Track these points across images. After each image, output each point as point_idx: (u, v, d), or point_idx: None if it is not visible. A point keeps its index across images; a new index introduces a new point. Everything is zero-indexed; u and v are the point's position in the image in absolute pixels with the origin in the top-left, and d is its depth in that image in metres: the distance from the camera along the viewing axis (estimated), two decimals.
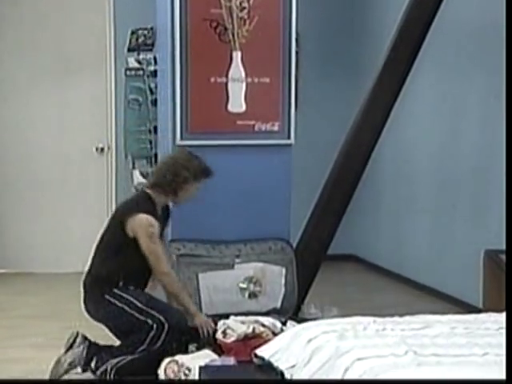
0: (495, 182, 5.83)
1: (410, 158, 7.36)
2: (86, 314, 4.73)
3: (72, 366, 4.56)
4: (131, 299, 4.56)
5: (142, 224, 4.59)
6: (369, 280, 7.58)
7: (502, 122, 5.19)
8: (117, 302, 4.56)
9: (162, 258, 4.66)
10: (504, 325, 3.43)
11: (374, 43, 7.39)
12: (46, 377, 4.61)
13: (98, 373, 4.53)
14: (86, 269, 4.81)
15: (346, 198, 5.77)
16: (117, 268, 4.64)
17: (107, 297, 4.58)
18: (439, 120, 6.88)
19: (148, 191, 4.76)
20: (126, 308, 4.55)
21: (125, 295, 4.58)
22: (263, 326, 4.67)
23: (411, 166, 7.34)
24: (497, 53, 5.50)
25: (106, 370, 4.52)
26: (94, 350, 4.61)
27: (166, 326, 4.48)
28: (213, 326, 4.69)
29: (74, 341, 4.64)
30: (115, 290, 4.59)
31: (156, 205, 4.74)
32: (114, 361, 4.54)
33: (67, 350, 4.62)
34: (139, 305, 4.54)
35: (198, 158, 4.78)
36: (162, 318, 4.49)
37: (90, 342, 4.65)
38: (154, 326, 4.48)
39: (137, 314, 4.53)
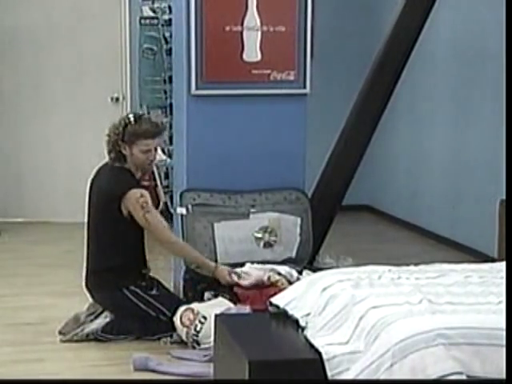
0: None
1: (426, 109, 7.32)
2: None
3: (89, 337, 4.57)
4: (149, 298, 4.63)
5: (131, 198, 4.59)
6: (383, 230, 7.59)
7: None
8: (133, 299, 4.61)
9: (162, 227, 4.67)
10: None
11: None
12: (62, 323, 4.66)
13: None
14: (86, 265, 4.77)
15: (362, 149, 5.75)
16: (120, 256, 4.63)
17: (124, 291, 4.61)
18: (458, 67, 6.82)
19: (123, 166, 4.76)
20: (142, 306, 4.61)
21: (142, 294, 4.63)
22: (279, 274, 4.69)
23: (427, 116, 7.30)
24: None
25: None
26: (118, 320, 4.63)
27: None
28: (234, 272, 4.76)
29: (103, 311, 4.67)
30: (131, 288, 4.61)
31: (134, 175, 4.75)
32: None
33: (93, 317, 4.65)
34: (153, 302, 4.61)
35: (130, 122, 4.72)
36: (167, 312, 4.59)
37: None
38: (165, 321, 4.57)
39: (151, 312, 4.61)
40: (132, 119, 4.74)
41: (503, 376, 2.82)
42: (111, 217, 4.63)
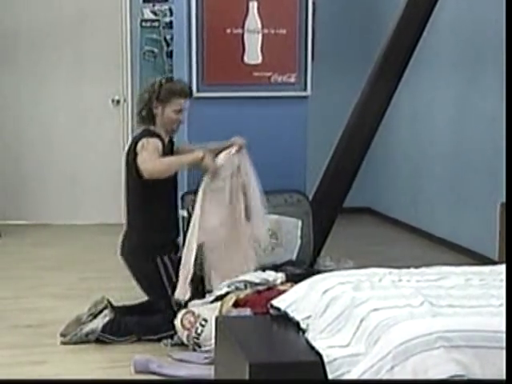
0: None
1: (427, 110, 7.32)
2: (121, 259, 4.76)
3: (88, 337, 4.57)
4: (172, 275, 4.61)
5: (140, 144, 4.59)
6: (384, 232, 7.60)
7: None
8: (161, 270, 4.61)
9: (150, 155, 4.52)
10: None
11: None
12: (63, 326, 4.66)
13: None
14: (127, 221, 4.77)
15: (363, 151, 5.76)
16: (156, 219, 4.63)
17: (157, 260, 4.61)
18: (458, 71, 6.82)
19: (146, 127, 4.75)
20: (165, 280, 4.61)
21: (170, 268, 4.62)
22: (255, 284, 4.56)
23: (428, 118, 7.30)
24: None
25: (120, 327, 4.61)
26: (117, 319, 4.63)
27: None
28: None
29: (101, 311, 4.65)
30: (165, 258, 4.62)
31: (160, 135, 4.71)
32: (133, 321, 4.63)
33: (92, 317, 4.64)
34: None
35: (165, 81, 4.73)
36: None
37: (115, 311, 4.67)
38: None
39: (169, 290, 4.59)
40: (165, 80, 4.77)
41: (503, 378, 2.83)
42: (133, 172, 4.61)
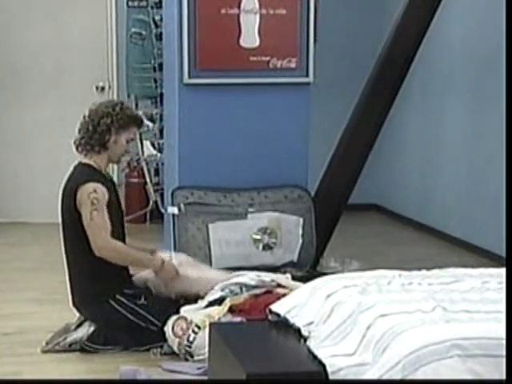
0: None
1: (439, 102, 7.32)
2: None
3: (71, 347, 4.56)
4: (133, 306, 4.59)
5: (84, 192, 4.51)
6: (393, 231, 7.61)
7: None
8: (120, 309, 4.58)
9: (105, 229, 4.51)
10: None
11: None
12: (42, 333, 4.65)
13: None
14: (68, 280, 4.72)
15: (370, 142, 5.77)
16: (98, 262, 4.55)
17: (111, 302, 4.59)
18: (474, 58, 6.83)
19: (83, 161, 4.69)
20: (130, 316, 4.58)
21: (126, 302, 4.60)
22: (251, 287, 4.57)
23: (440, 110, 7.31)
24: None
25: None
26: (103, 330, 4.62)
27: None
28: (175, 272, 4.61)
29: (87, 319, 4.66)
30: (117, 296, 4.59)
31: (101, 171, 4.67)
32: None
33: (77, 325, 4.65)
34: (141, 312, 4.57)
35: (124, 105, 4.74)
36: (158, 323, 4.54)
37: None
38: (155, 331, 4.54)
39: (141, 322, 4.57)
40: (122, 103, 4.76)
41: None
42: (73, 217, 4.57)
